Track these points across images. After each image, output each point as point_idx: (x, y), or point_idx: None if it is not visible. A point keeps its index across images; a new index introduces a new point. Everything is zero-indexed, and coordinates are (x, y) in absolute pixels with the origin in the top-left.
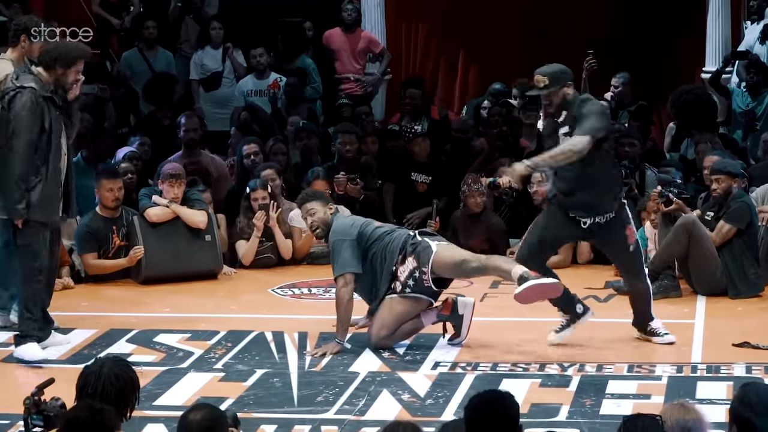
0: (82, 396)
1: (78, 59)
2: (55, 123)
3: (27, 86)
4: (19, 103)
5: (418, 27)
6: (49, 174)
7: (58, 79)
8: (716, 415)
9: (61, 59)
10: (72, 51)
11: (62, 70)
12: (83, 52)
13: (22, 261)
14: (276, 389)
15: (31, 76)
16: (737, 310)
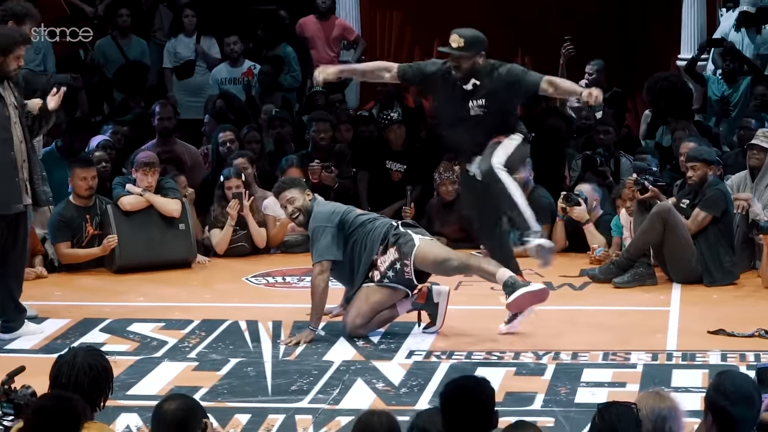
0: (56, 386)
1: (14, 45)
2: (1, 115)
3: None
4: None
5: (392, 15)
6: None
7: (2, 68)
8: (691, 403)
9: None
10: (6, 37)
11: (2, 59)
12: (21, 37)
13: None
14: (250, 378)
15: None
16: (712, 297)
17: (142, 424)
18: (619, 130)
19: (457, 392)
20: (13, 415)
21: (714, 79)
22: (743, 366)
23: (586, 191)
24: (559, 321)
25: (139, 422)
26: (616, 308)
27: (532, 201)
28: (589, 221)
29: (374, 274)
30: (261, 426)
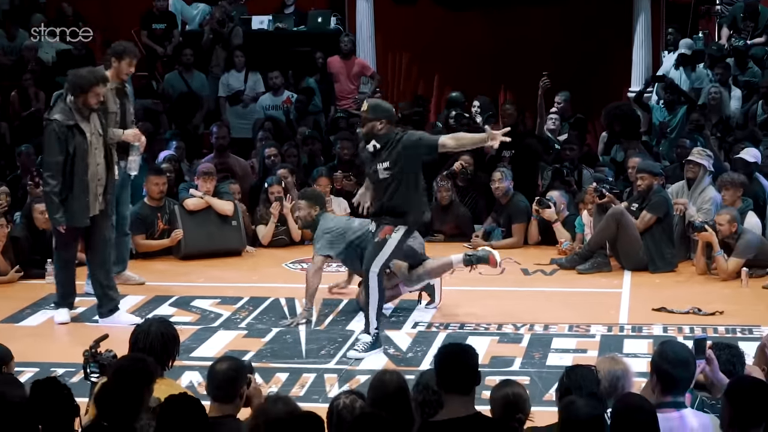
0: (134, 350)
1: (91, 85)
2: (80, 148)
3: (53, 118)
4: (47, 135)
5: (402, 55)
6: (75, 187)
7: (85, 104)
8: (639, 367)
9: (77, 87)
10: (84, 79)
11: (83, 96)
12: (97, 78)
13: (57, 251)
14: (288, 344)
15: (61, 106)
16: (656, 282)
17: (202, 380)
18: (581, 148)
19: (448, 356)
20: (99, 373)
21: (657, 108)
22: (680, 336)
23: (555, 196)
24: (533, 300)
25: (199, 379)
26: (579, 290)
27: (512, 205)
28: (557, 221)
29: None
30: (296, 383)
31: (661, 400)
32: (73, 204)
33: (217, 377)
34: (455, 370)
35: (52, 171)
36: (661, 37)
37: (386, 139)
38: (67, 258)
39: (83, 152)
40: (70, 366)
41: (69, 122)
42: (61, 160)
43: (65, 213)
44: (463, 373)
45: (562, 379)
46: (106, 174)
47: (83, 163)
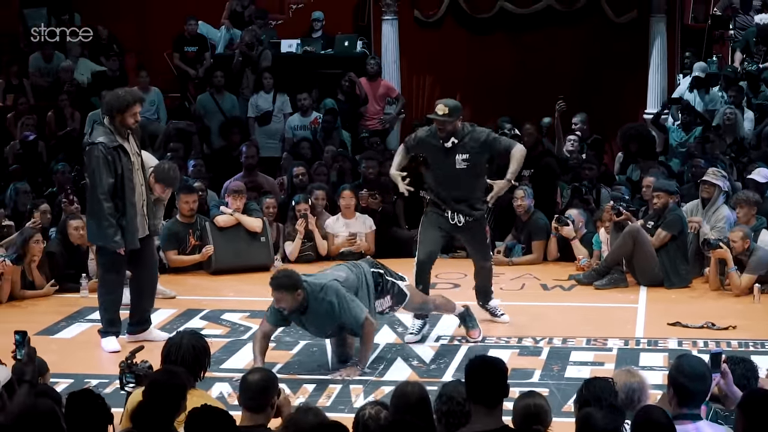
0: (167, 362)
1: (129, 107)
2: (126, 168)
3: (97, 142)
4: (93, 158)
5: (425, 78)
6: (127, 209)
7: (122, 123)
8: (655, 379)
9: (115, 108)
10: (122, 99)
11: (120, 116)
12: (133, 98)
13: (107, 275)
14: (315, 356)
15: (101, 129)
16: (671, 297)
17: (232, 391)
18: (599, 168)
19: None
20: (134, 383)
21: (673, 129)
22: (695, 350)
23: (573, 214)
24: (552, 314)
25: (229, 389)
26: (596, 305)
27: (532, 222)
28: (576, 238)
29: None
30: (323, 393)
31: (678, 412)
32: (127, 226)
33: (249, 388)
34: (485, 383)
35: (105, 194)
36: (677, 61)
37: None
38: (117, 282)
39: (129, 172)
40: (104, 377)
41: (113, 144)
42: (111, 183)
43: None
44: (492, 385)
45: (580, 390)
46: (147, 194)
47: (131, 183)
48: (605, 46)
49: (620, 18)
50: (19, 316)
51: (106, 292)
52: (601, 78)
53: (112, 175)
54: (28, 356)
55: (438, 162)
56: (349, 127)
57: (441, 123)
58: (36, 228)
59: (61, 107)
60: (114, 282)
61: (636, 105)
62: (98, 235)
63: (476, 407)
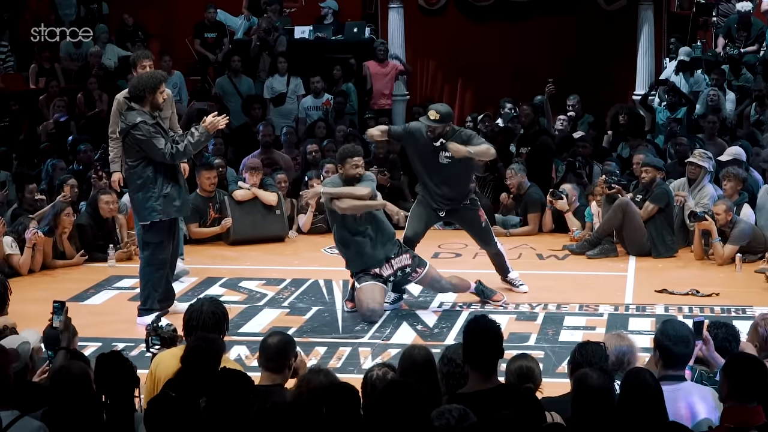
0: (188, 327)
1: (159, 84)
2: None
3: (138, 121)
4: (140, 135)
5: (428, 62)
6: (179, 180)
7: (152, 104)
8: (643, 343)
9: (148, 88)
10: (152, 78)
11: (152, 96)
12: (161, 77)
13: (157, 254)
14: (326, 321)
15: (134, 112)
16: (658, 266)
17: (249, 353)
18: (594, 146)
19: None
20: (160, 345)
21: (660, 109)
22: (680, 315)
23: (567, 189)
24: (547, 282)
25: (246, 352)
26: (588, 273)
27: (528, 196)
28: (569, 210)
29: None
30: (334, 355)
31: (664, 373)
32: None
33: (268, 349)
34: (481, 348)
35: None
36: (663, 46)
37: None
38: (163, 258)
39: None
40: (130, 341)
41: (152, 121)
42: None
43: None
44: (487, 350)
45: (573, 354)
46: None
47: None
48: (597, 33)
49: (610, 6)
50: (50, 284)
51: (156, 270)
52: (592, 62)
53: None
54: (65, 324)
55: (425, 156)
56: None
57: (431, 128)
58: (66, 201)
59: (90, 90)
60: (163, 260)
61: (625, 87)
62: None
63: (473, 370)
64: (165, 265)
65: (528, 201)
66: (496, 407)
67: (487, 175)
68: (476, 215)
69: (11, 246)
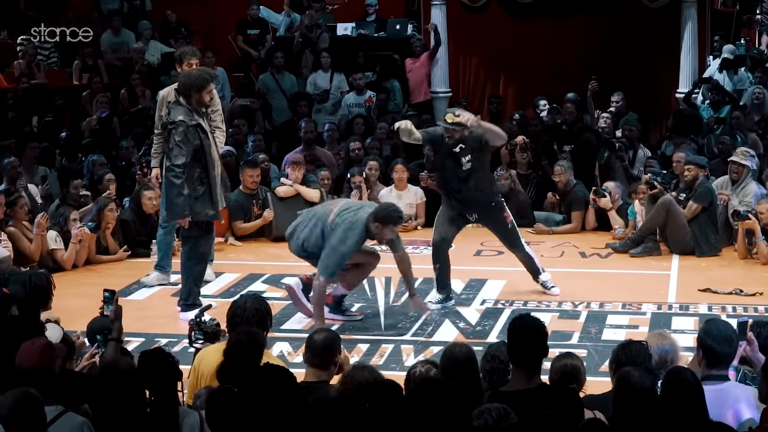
0: (232, 323)
1: (206, 84)
2: (205, 144)
3: (177, 120)
4: (176, 136)
5: (471, 59)
6: (211, 182)
7: (198, 102)
8: (686, 342)
9: (193, 86)
10: (200, 77)
11: (198, 95)
12: (209, 75)
13: (199, 248)
14: (369, 318)
15: (181, 108)
16: (701, 265)
17: (291, 350)
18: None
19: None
20: (203, 339)
21: (703, 107)
22: (723, 315)
23: (610, 187)
24: (590, 280)
25: (289, 348)
26: (631, 272)
27: (572, 194)
28: (612, 209)
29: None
30: (376, 353)
31: (707, 373)
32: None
33: (315, 346)
34: (525, 345)
35: (182, 168)
36: (707, 44)
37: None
38: (204, 252)
39: (208, 147)
40: (173, 336)
41: (192, 122)
42: (190, 159)
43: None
44: (532, 348)
45: (616, 353)
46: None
47: (210, 158)
48: (640, 30)
49: (654, 3)
50: (94, 279)
51: (197, 264)
52: (635, 59)
53: (191, 152)
54: (115, 313)
55: (448, 161)
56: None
57: (450, 131)
58: (110, 198)
59: (133, 86)
60: (203, 255)
61: (669, 85)
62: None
63: (516, 368)
64: (205, 259)
65: (572, 199)
66: (537, 407)
67: (530, 172)
68: (502, 216)
69: (56, 241)
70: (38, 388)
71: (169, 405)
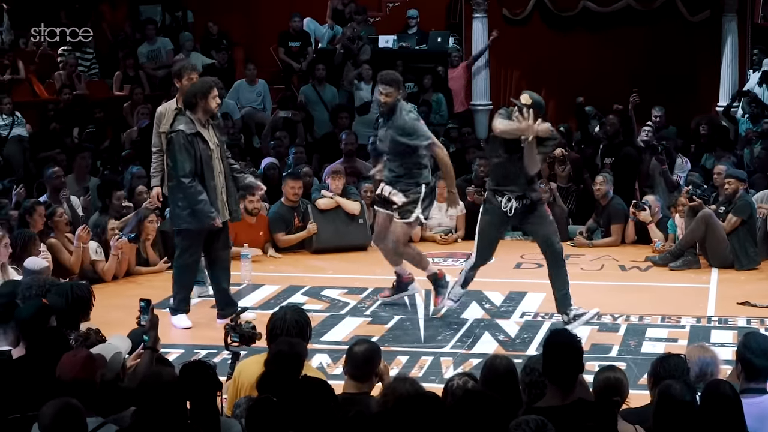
0: (272, 335)
1: (210, 89)
2: (204, 154)
3: (178, 129)
4: (175, 145)
5: (512, 72)
6: (208, 192)
7: (204, 110)
8: (725, 355)
9: (198, 94)
10: (203, 85)
11: (204, 101)
12: (212, 82)
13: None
14: (408, 330)
15: (184, 118)
16: (740, 278)
17: (331, 362)
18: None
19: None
20: (239, 342)
21: (743, 121)
22: (763, 328)
23: (650, 200)
24: (629, 293)
25: (329, 360)
26: (671, 285)
27: (611, 207)
28: (652, 222)
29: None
30: (416, 365)
31: (746, 386)
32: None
33: (355, 358)
34: (560, 362)
35: (189, 176)
36: (747, 57)
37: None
38: (191, 262)
39: (208, 158)
40: (212, 348)
41: (192, 131)
42: (191, 166)
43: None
44: (567, 364)
45: (656, 366)
46: (226, 183)
47: (209, 168)
48: (680, 43)
49: (694, 17)
50: (134, 290)
51: (183, 273)
52: (676, 73)
53: (192, 159)
54: (151, 322)
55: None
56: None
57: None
58: (151, 209)
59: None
60: (191, 264)
61: (709, 98)
62: (185, 216)
63: (551, 384)
64: (193, 270)
65: (611, 212)
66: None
67: (570, 185)
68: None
69: (97, 252)
70: (79, 399)
71: (210, 415)
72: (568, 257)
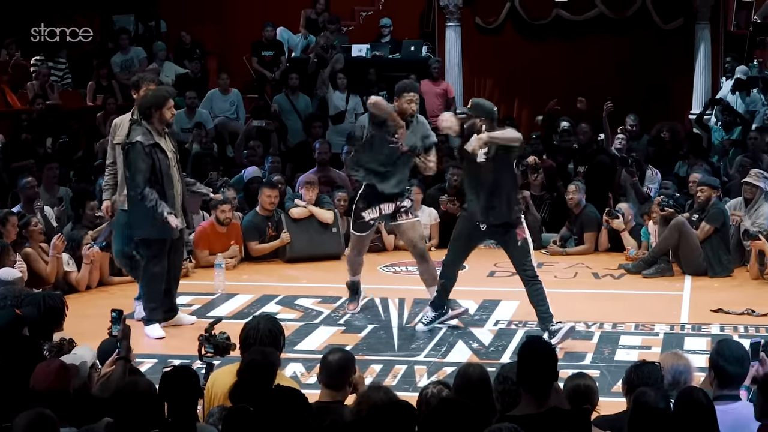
0: (245, 344)
1: (166, 100)
2: (163, 164)
3: (135, 141)
4: (132, 156)
5: (485, 80)
6: (168, 202)
7: (160, 120)
8: (699, 362)
9: (154, 105)
10: (159, 96)
11: (159, 112)
12: (168, 93)
13: (151, 267)
14: (382, 339)
15: (140, 129)
16: (714, 286)
17: (305, 371)
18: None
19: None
20: (213, 353)
21: (716, 128)
22: (735, 335)
23: (623, 208)
24: (603, 301)
25: (302, 369)
26: (644, 292)
27: (585, 215)
28: (625, 230)
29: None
30: (389, 373)
31: (719, 393)
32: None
33: (329, 367)
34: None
35: (142, 184)
36: (720, 65)
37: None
38: (160, 273)
39: (166, 168)
40: (186, 357)
41: (150, 142)
42: (148, 176)
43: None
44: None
45: (629, 374)
46: (182, 190)
47: (168, 178)
48: (654, 51)
49: (667, 25)
50: (107, 300)
51: (150, 283)
52: (649, 81)
53: (149, 169)
54: (123, 333)
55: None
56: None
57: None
58: None
59: None
60: (158, 274)
61: (682, 106)
62: (145, 224)
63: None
64: (158, 280)
65: (584, 220)
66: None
67: (544, 194)
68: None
69: (68, 263)
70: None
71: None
72: (541, 265)
